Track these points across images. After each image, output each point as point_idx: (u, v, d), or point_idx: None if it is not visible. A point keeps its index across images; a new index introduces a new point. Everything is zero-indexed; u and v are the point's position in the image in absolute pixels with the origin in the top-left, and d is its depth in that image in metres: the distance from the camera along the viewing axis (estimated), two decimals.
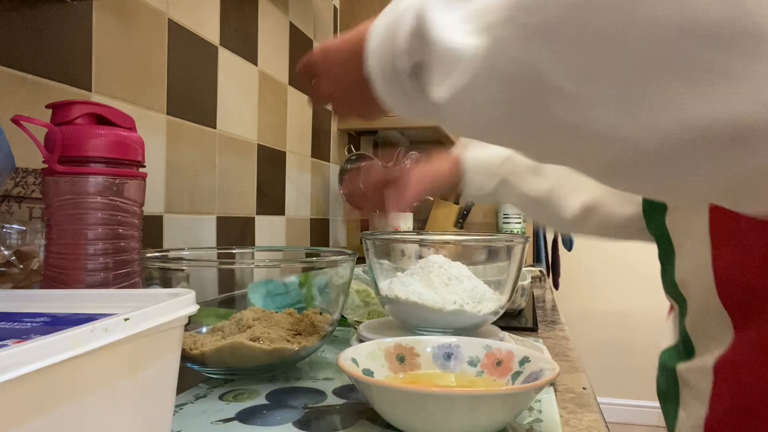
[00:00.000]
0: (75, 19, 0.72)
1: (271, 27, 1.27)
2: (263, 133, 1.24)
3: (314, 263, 0.66)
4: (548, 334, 0.80)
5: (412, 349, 0.52)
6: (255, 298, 0.61)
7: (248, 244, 1.18)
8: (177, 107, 0.93)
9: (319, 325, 0.57)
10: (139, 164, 0.48)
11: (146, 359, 0.30)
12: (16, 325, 0.28)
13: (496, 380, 0.48)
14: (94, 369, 0.25)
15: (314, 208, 1.55)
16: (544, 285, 1.41)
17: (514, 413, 0.41)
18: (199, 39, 0.99)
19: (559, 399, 0.51)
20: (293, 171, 1.40)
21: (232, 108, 1.11)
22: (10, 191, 0.58)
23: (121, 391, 0.28)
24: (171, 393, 0.33)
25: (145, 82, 0.85)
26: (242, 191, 1.16)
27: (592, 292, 2.84)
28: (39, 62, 0.66)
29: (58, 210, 0.44)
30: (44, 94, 0.67)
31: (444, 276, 0.61)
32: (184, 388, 0.52)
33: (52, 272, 0.44)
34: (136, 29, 0.83)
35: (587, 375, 0.60)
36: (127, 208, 0.46)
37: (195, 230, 0.99)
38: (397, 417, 0.41)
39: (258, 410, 0.47)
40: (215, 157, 1.05)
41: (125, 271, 0.46)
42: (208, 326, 0.57)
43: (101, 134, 0.44)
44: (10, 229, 0.53)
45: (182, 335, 0.34)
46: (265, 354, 0.53)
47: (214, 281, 0.56)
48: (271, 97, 1.28)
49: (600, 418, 0.47)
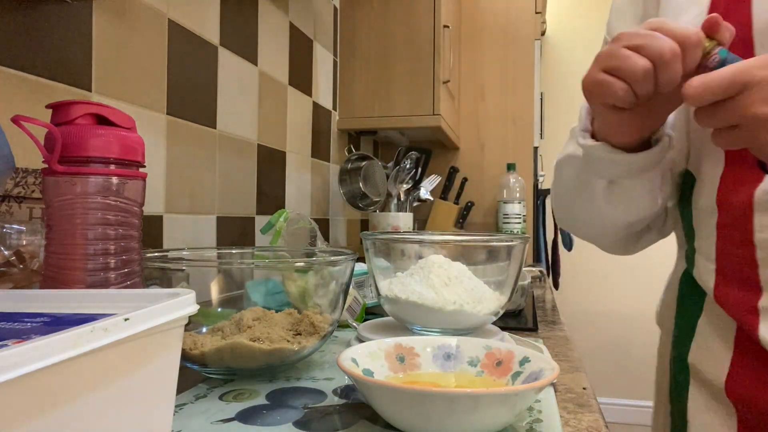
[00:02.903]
0: (75, 19, 0.72)
1: (271, 27, 1.27)
2: (263, 133, 1.24)
3: (314, 263, 0.65)
4: (548, 334, 0.80)
5: (412, 349, 0.52)
6: (256, 296, 0.61)
7: (248, 244, 1.18)
8: (177, 107, 0.93)
9: (319, 325, 0.57)
10: (139, 164, 0.48)
11: (146, 359, 0.30)
12: (16, 325, 0.28)
13: (496, 380, 0.48)
14: (94, 369, 0.25)
15: (314, 208, 1.55)
16: (544, 285, 1.41)
17: (514, 413, 0.41)
18: (199, 39, 0.99)
19: (559, 399, 0.51)
20: (293, 171, 1.40)
21: (232, 108, 1.11)
22: (10, 191, 0.58)
23: (121, 391, 0.28)
24: (171, 393, 0.33)
25: (145, 82, 0.85)
26: (242, 191, 1.16)
27: (592, 292, 2.84)
28: (39, 62, 0.66)
29: (58, 210, 0.44)
30: (44, 94, 0.67)
31: (444, 276, 0.61)
32: (184, 388, 0.52)
33: (52, 272, 0.44)
34: (136, 29, 0.83)
35: (587, 375, 0.60)
36: (127, 208, 0.46)
37: (195, 230, 0.99)
38: (397, 417, 0.41)
39: (258, 410, 0.47)
40: (215, 157, 1.05)
41: (125, 271, 0.46)
42: (208, 326, 0.57)
43: (101, 134, 0.44)
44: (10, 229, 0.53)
45: (182, 335, 0.34)
46: (265, 354, 0.53)
47: (214, 281, 0.56)
48: (271, 97, 1.28)
49: (600, 418, 0.47)
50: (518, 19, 2.04)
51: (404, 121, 1.68)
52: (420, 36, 1.66)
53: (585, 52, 2.89)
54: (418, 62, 1.66)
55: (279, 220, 1.02)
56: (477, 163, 2.09)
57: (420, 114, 1.66)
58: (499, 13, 2.06)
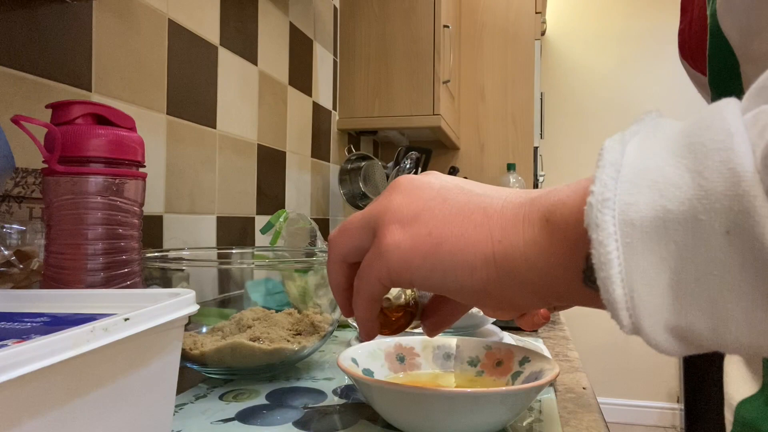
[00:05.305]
0: (75, 19, 0.72)
1: (271, 27, 1.27)
2: (263, 132, 1.24)
3: (314, 263, 0.65)
4: (548, 334, 0.80)
5: (412, 349, 0.52)
6: (256, 296, 0.61)
7: (248, 244, 1.18)
8: (177, 107, 0.93)
9: (319, 325, 0.57)
10: (139, 164, 0.48)
11: (146, 359, 0.30)
12: (16, 325, 0.28)
13: (496, 380, 0.48)
14: (94, 369, 0.25)
15: (314, 208, 1.55)
16: None
17: (514, 413, 0.41)
18: (199, 39, 0.99)
19: (559, 399, 0.51)
20: (293, 171, 1.40)
21: (232, 108, 1.11)
22: (10, 191, 0.58)
23: (121, 391, 0.28)
24: (171, 393, 0.33)
25: (145, 82, 0.85)
26: (242, 191, 1.16)
27: None
28: (39, 62, 0.66)
29: (58, 210, 0.44)
30: (44, 94, 0.67)
31: None
32: (184, 388, 0.52)
33: (52, 272, 0.44)
34: (136, 29, 0.83)
35: (587, 375, 0.60)
36: (127, 208, 0.46)
37: (195, 230, 0.99)
38: (397, 417, 0.41)
39: (258, 410, 0.47)
40: (215, 157, 1.05)
41: (125, 271, 0.46)
42: (208, 326, 0.57)
43: (101, 134, 0.44)
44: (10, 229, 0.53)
45: (182, 335, 0.34)
46: (265, 354, 0.53)
47: (214, 281, 0.56)
48: (271, 97, 1.28)
49: (600, 418, 0.47)
50: (518, 19, 2.04)
51: (404, 121, 1.68)
52: (420, 36, 1.66)
53: (585, 52, 2.89)
54: (418, 62, 1.66)
55: (279, 220, 1.02)
56: (477, 163, 2.09)
57: (420, 114, 1.66)
58: (499, 13, 2.06)
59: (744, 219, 0.19)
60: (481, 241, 0.27)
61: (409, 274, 0.29)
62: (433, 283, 0.29)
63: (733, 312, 0.20)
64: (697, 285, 0.21)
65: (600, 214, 0.22)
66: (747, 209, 0.19)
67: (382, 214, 0.31)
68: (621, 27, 2.84)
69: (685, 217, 0.20)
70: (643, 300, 0.21)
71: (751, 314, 0.20)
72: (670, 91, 2.75)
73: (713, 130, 0.20)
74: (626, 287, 0.21)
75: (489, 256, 0.27)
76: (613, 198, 0.22)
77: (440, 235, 0.29)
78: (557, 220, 0.25)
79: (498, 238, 0.27)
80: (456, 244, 0.28)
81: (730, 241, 0.19)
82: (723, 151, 0.20)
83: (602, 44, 2.86)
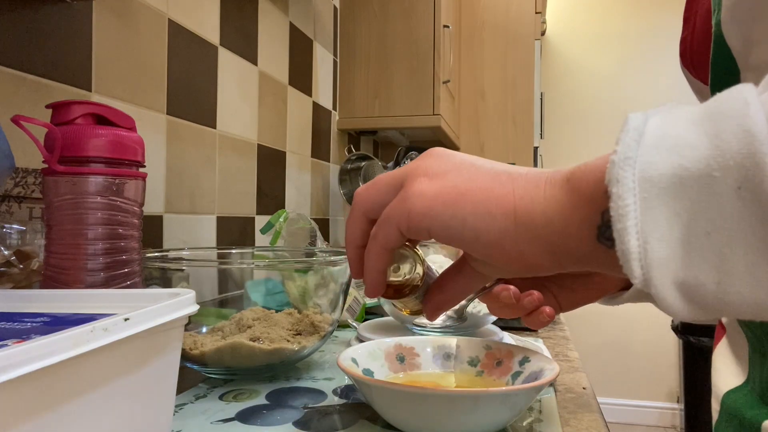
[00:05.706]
0: (75, 19, 0.72)
1: (271, 27, 1.27)
2: (263, 133, 1.24)
3: (314, 263, 0.65)
4: (548, 334, 0.80)
5: (412, 349, 0.52)
6: (256, 296, 0.61)
7: (248, 244, 1.18)
8: (177, 107, 0.93)
9: (319, 325, 0.57)
10: (139, 164, 0.48)
11: (146, 359, 0.30)
12: (16, 325, 0.28)
13: (496, 380, 0.48)
14: (94, 369, 0.25)
15: (314, 208, 1.55)
16: None
17: (514, 413, 0.41)
18: (199, 39, 0.99)
19: (559, 399, 0.51)
20: (293, 171, 1.40)
21: (232, 108, 1.11)
22: (10, 191, 0.58)
23: (121, 391, 0.28)
24: (171, 393, 0.33)
25: (145, 82, 0.85)
26: (242, 191, 1.16)
27: None
28: (39, 62, 0.66)
29: (58, 210, 0.44)
30: (44, 94, 0.67)
31: None
32: (184, 388, 0.52)
33: (52, 272, 0.44)
34: (136, 29, 0.83)
35: (587, 375, 0.60)
36: (127, 208, 0.46)
37: (195, 230, 0.99)
38: (397, 417, 0.41)
39: (258, 410, 0.47)
40: (215, 157, 1.05)
41: (125, 271, 0.46)
42: (208, 326, 0.57)
43: (101, 134, 0.44)
44: (10, 229, 0.53)
45: (182, 335, 0.34)
46: (265, 354, 0.53)
47: (214, 281, 0.56)
48: (271, 97, 1.28)
49: (600, 418, 0.47)
50: (518, 19, 2.04)
51: (404, 121, 1.68)
52: (420, 36, 1.66)
53: (585, 52, 2.89)
54: (418, 62, 1.66)
55: (279, 220, 1.02)
56: None
57: (420, 114, 1.66)
58: (499, 13, 2.06)
59: (754, 174, 0.20)
60: (504, 195, 0.29)
61: (429, 221, 0.30)
62: (450, 232, 0.30)
63: (739, 266, 0.21)
64: (707, 239, 0.22)
65: (621, 171, 0.23)
66: (758, 164, 0.20)
67: (411, 171, 0.33)
68: (621, 27, 2.84)
69: (701, 174, 0.22)
70: (655, 251, 0.23)
71: (756, 268, 0.21)
72: (670, 91, 2.75)
73: (732, 101, 0.22)
74: (640, 239, 0.23)
75: (510, 209, 0.29)
76: (634, 157, 0.23)
77: (465, 187, 0.30)
78: (578, 179, 0.27)
79: (520, 194, 0.29)
80: (479, 194, 0.30)
81: (740, 196, 0.21)
82: (740, 117, 0.21)
83: (602, 44, 2.86)
